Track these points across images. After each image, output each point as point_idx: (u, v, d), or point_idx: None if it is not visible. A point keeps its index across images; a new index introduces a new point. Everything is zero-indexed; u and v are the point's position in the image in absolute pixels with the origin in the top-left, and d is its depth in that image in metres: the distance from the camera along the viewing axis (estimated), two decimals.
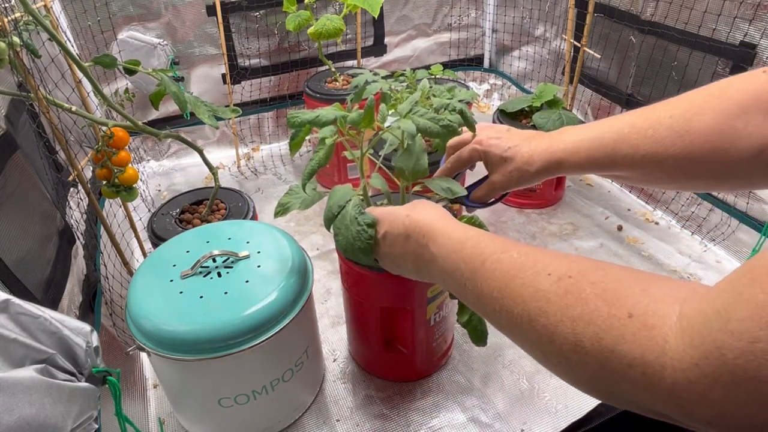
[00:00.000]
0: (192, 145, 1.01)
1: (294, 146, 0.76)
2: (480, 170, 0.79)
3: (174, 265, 0.83)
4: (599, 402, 0.63)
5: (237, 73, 1.72)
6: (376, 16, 1.30)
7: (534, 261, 0.36)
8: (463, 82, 1.81)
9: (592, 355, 0.29)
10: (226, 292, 0.77)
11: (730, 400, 0.23)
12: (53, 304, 0.81)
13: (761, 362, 0.21)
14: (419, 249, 0.55)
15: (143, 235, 1.20)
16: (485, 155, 0.70)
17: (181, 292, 0.78)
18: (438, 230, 0.52)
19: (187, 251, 0.86)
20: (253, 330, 0.74)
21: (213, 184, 1.06)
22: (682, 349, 0.25)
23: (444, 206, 0.80)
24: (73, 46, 1.33)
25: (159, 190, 1.67)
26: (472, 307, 0.44)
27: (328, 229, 0.73)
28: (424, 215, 0.57)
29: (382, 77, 1.03)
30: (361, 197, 0.76)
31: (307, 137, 1.25)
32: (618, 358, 0.28)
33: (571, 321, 0.31)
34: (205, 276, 0.80)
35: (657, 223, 1.41)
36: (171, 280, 0.80)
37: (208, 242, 0.88)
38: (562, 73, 1.62)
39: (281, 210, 0.80)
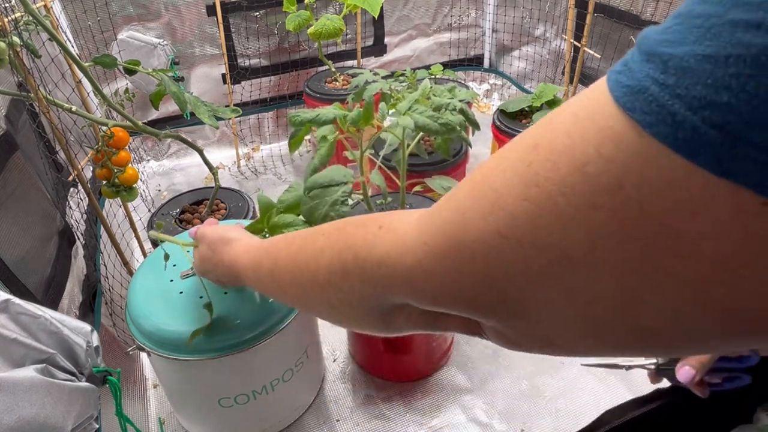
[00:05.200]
0: (192, 145, 1.01)
1: (293, 144, 0.76)
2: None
3: (174, 265, 0.83)
4: (604, 410, 0.63)
5: (237, 73, 1.72)
6: (376, 16, 1.30)
7: (313, 234, 0.40)
8: (463, 82, 1.81)
9: (356, 274, 0.32)
10: (225, 293, 0.77)
11: (447, 272, 0.26)
12: (53, 304, 0.81)
13: (467, 227, 0.24)
14: (241, 285, 0.58)
15: (143, 235, 1.20)
16: None
17: (181, 293, 0.78)
18: (241, 274, 0.55)
19: (188, 251, 0.86)
20: (254, 330, 0.74)
21: (213, 184, 1.06)
22: (416, 237, 0.28)
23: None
24: (73, 46, 1.33)
25: (159, 190, 1.67)
26: (284, 303, 0.48)
27: (306, 194, 0.72)
28: (222, 266, 0.59)
29: (382, 77, 1.03)
30: (359, 192, 0.76)
31: (307, 137, 1.25)
32: (371, 264, 0.31)
33: (338, 255, 0.34)
34: None
35: None
36: (171, 280, 0.80)
37: None
38: (562, 73, 1.62)
39: None
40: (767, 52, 0.15)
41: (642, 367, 0.54)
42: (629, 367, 0.56)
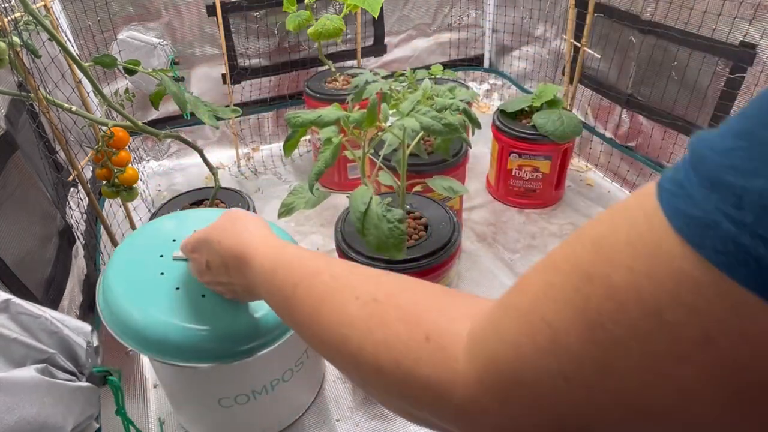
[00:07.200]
0: (192, 145, 1.01)
1: (288, 147, 0.76)
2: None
3: (161, 256, 0.70)
4: None
5: (237, 73, 1.72)
6: (376, 16, 1.30)
7: (344, 284, 0.35)
8: (463, 82, 1.81)
9: (393, 380, 0.29)
10: None
11: (505, 412, 0.23)
12: (53, 304, 0.81)
13: (524, 366, 0.22)
14: (240, 277, 0.51)
15: None
16: None
17: (177, 288, 0.67)
18: (250, 256, 0.48)
19: (174, 240, 0.73)
20: (263, 336, 0.69)
21: (213, 184, 1.06)
22: (467, 367, 0.25)
23: None
24: (73, 46, 1.33)
25: (159, 190, 1.67)
26: (294, 330, 0.42)
27: (361, 234, 0.71)
28: (236, 239, 0.51)
29: (382, 77, 1.03)
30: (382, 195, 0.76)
31: (306, 138, 1.25)
32: (415, 380, 0.28)
33: (373, 346, 0.30)
34: None
35: None
36: (162, 273, 0.68)
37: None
38: (562, 73, 1.62)
39: (285, 210, 0.80)
40: None
41: None
42: None
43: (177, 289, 0.67)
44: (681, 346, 0.17)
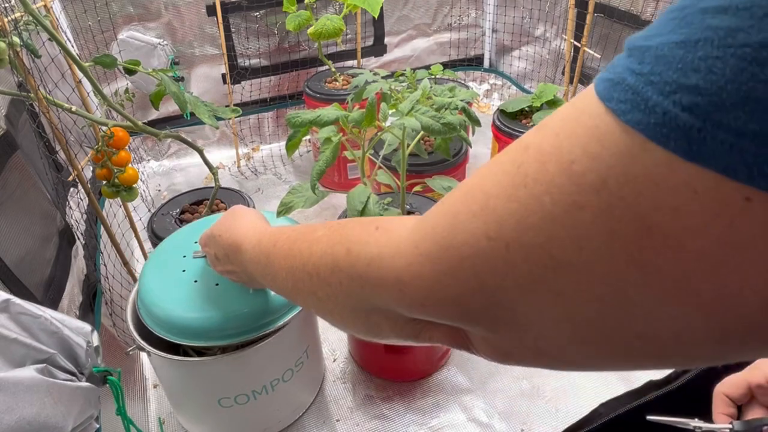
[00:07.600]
0: (192, 145, 1.01)
1: (290, 147, 0.76)
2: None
3: (184, 256, 0.82)
4: (600, 403, 0.63)
5: (237, 73, 1.72)
6: (376, 16, 1.30)
7: (320, 224, 0.40)
8: (463, 82, 1.81)
9: (345, 270, 0.32)
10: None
11: (434, 275, 0.25)
12: (53, 304, 0.81)
13: (455, 230, 0.24)
14: (238, 264, 0.57)
15: (143, 235, 1.20)
16: None
17: (195, 281, 0.78)
18: (242, 243, 0.54)
19: (195, 242, 0.84)
20: (270, 314, 0.75)
21: (213, 184, 1.06)
22: (409, 240, 0.28)
23: None
24: (73, 46, 1.33)
25: (159, 190, 1.67)
26: (275, 291, 0.47)
27: None
28: (232, 231, 0.58)
29: (382, 77, 1.03)
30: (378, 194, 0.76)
31: (307, 137, 1.25)
32: (361, 261, 0.31)
33: (331, 248, 0.34)
34: None
35: None
36: (184, 270, 0.80)
37: None
38: (562, 73, 1.62)
39: (284, 209, 0.80)
40: (733, 33, 0.15)
41: None
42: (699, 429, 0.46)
43: (195, 281, 0.78)
44: (582, 193, 0.19)
